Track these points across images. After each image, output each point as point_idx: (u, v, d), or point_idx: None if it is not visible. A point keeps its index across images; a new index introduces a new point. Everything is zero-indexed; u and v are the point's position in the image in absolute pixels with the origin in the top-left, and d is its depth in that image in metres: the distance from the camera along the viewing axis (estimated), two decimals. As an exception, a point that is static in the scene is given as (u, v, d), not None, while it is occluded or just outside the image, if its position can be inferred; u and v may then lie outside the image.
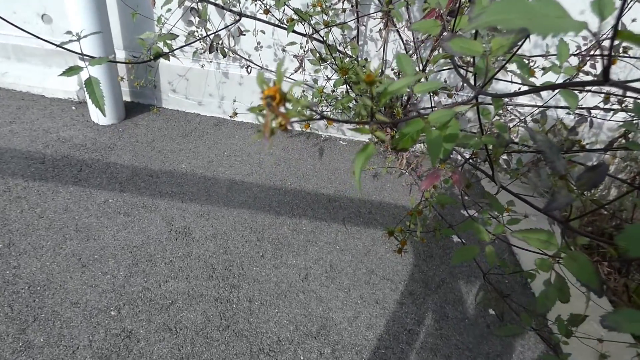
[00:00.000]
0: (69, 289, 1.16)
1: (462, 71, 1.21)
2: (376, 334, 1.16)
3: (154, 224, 1.41)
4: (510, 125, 1.53)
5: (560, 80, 1.50)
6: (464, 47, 0.48)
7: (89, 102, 1.88)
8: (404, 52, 1.75)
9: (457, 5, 0.91)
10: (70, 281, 1.18)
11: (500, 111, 1.52)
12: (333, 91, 1.68)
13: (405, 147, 0.44)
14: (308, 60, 1.59)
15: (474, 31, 0.63)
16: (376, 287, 1.30)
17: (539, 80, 1.58)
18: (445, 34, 0.74)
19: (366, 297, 1.27)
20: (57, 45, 0.88)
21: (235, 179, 1.69)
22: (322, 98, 1.45)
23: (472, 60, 0.77)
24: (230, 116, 2.12)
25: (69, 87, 2.04)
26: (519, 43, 0.52)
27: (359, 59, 1.49)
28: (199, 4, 1.61)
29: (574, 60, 1.40)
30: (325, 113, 1.83)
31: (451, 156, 1.76)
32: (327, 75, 1.85)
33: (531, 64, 1.40)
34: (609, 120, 1.65)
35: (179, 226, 1.42)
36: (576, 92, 0.72)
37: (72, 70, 0.87)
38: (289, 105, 0.33)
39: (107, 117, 1.92)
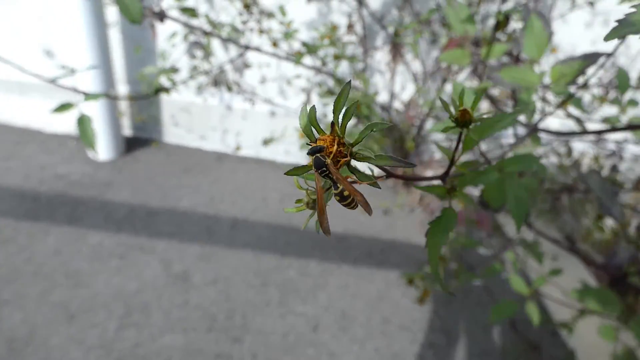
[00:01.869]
0: (52, 346, 1.04)
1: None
2: (396, 395, 1.03)
3: (150, 268, 1.31)
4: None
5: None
6: (517, 77, 0.40)
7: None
8: (414, 84, 1.70)
9: (494, 33, 0.84)
10: (55, 335, 1.07)
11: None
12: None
13: (462, 187, 0.34)
14: (316, 93, 1.53)
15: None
16: (393, 338, 1.18)
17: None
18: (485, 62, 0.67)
19: (382, 350, 1.14)
20: (49, 81, 0.82)
21: (238, 217, 1.60)
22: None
23: (511, 93, 0.70)
24: (233, 150, 2.05)
25: (67, 122, 1.99)
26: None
27: (370, 92, 1.43)
28: (204, 38, 1.57)
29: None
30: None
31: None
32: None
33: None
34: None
35: (177, 270, 1.31)
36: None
37: (64, 107, 0.80)
38: (357, 164, 0.21)
39: (105, 153, 1.85)
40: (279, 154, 2.02)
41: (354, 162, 0.25)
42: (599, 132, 0.39)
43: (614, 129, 0.37)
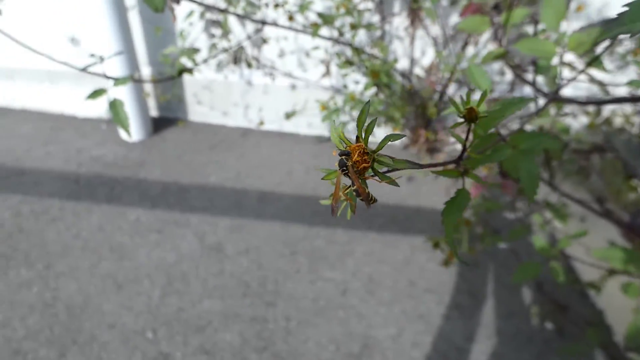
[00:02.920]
0: (105, 311, 1.15)
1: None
2: (423, 352, 1.09)
3: (186, 241, 1.39)
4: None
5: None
6: (534, 48, 0.41)
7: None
8: (434, 48, 1.67)
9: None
10: (106, 303, 1.17)
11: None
12: (362, 94, 1.61)
13: (474, 168, 0.37)
14: (335, 64, 1.53)
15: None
16: (419, 301, 1.23)
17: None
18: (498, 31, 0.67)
19: (409, 312, 1.19)
20: (81, 69, 0.87)
21: (265, 189, 1.66)
22: (353, 105, 1.39)
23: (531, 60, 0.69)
24: (256, 125, 2.09)
25: (99, 107, 2.07)
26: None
27: (389, 60, 1.42)
28: (220, 15, 1.59)
29: None
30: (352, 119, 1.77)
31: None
32: (355, 80, 1.79)
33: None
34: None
35: (211, 242, 1.39)
36: None
37: (96, 94, 0.84)
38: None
39: (135, 134, 1.93)
40: (302, 126, 2.04)
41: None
42: (618, 101, 0.40)
43: (633, 99, 0.38)
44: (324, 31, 1.54)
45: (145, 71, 2.01)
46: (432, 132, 1.62)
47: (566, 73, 0.69)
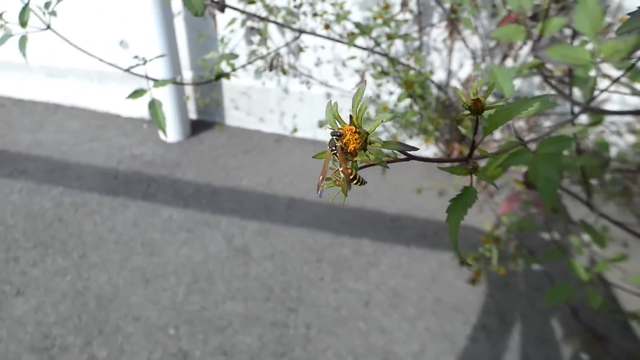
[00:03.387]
0: (132, 304, 1.18)
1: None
2: (445, 372, 1.05)
3: (214, 242, 1.41)
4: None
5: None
6: (567, 54, 0.39)
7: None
8: (472, 61, 1.63)
9: (546, 7, 0.80)
10: (133, 295, 1.21)
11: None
12: (395, 105, 1.60)
13: (495, 178, 0.36)
14: (370, 74, 1.53)
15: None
16: (444, 319, 1.19)
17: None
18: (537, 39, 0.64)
19: (433, 330, 1.15)
20: (124, 70, 0.91)
21: (295, 196, 1.67)
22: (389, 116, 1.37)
23: (568, 70, 0.67)
24: (290, 132, 2.12)
25: (141, 107, 2.16)
26: None
27: (425, 71, 1.41)
28: (260, 23, 1.63)
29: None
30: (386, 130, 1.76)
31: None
32: (389, 90, 1.78)
33: None
34: None
35: (238, 244, 1.41)
36: None
37: (137, 94, 0.88)
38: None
39: (174, 135, 2.00)
40: (334, 135, 2.04)
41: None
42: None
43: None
44: (361, 41, 1.55)
45: (187, 75, 2.09)
46: (467, 146, 1.58)
47: (604, 84, 0.65)
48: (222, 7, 0.93)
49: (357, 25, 1.24)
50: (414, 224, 1.55)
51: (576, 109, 0.55)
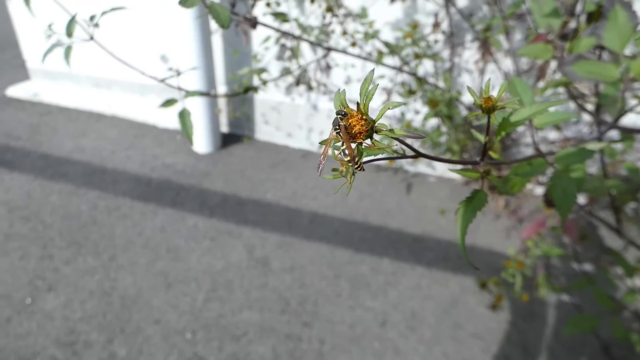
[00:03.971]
0: (153, 306, 1.22)
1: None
2: (461, 401, 1.01)
3: (235, 251, 1.44)
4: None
5: None
6: (593, 71, 0.39)
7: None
8: (505, 82, 1.61)
9: (575, 27, 0.79)
10: (155, 298, 1.24)
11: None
12: (423, 125, 1.59)
13: (515, 191, 0.35)
14: (398, 93, 1.54)
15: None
16: (463, 345, 1.15)
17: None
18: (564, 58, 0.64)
19: (451, 355, 1.12)
20: (159, 81, 0.96)
21: (317, 211, 1.68)
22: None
23: (594, 88, 0.65)
24: (317, 148, 2.14)
25: (176, 119, 2.26)
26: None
27: (452, 91, 1.40)
28: (293, 41, 1.68)
29: None
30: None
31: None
32: (416, 109, 1.77)
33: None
34: None
35: (259, 255, 1.43)
36: None
37: (168, 103, 0.93)
38: (376, 137, 0.27)
39: (205, 146, 2.07)
40: (361, 153, 2.05)
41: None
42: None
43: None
44: (390, 60, 1.56)
45: (221, 89, 2.17)
46: (496, 168, 1.55)
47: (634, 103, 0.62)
48: (254, 24, 0.97)
49: (387, 44, 1.26)
50: (437, 245, 1.52)
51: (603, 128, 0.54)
